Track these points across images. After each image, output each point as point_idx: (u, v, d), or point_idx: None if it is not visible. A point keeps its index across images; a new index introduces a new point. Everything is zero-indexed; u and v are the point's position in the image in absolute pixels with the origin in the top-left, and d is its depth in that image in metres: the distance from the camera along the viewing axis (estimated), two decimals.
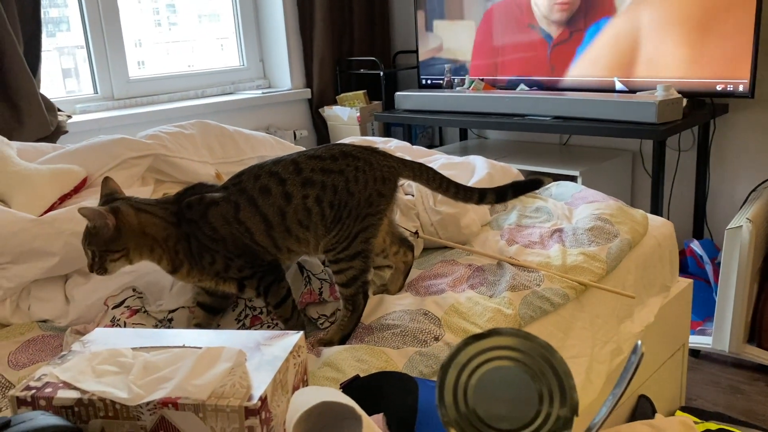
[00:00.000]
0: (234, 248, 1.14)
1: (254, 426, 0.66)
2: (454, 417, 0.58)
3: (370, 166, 1.18)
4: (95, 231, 1.08)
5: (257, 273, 1.15)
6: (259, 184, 1.15)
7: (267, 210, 1.14)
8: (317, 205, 1.15)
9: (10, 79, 2.22)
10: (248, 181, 1.16)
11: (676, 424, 1.40)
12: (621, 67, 2.54)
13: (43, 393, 0.71)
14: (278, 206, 1.14)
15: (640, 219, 1.65)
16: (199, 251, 1.13)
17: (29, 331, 1.29)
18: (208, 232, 1.13)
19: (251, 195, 1.14)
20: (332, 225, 1.16)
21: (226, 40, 3.26)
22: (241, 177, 1.17)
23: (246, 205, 1.14)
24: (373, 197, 1.18)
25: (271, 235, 1.15)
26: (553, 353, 0.56)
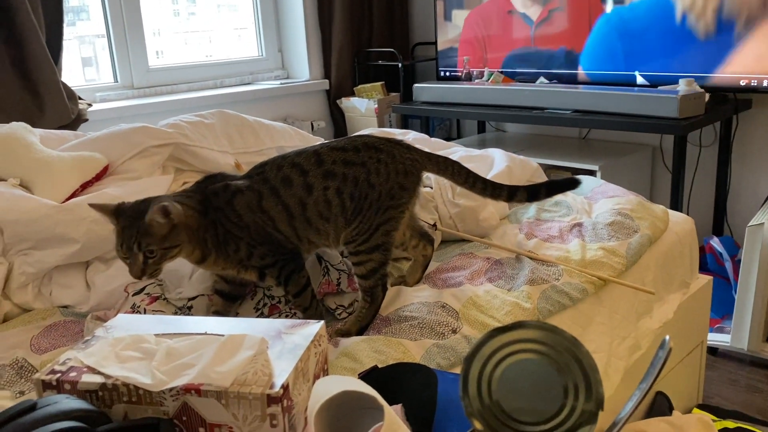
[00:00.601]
0: (257, 236, 1.14)
1: (276, 413, 0.67)
2: (478, 408, 0.58)
3: (393, 159, 1.18)
4: (152, 229, 1.04)
5: (279, 262, 1.16)
6: (282, 175, 1.15)
7: (288, 200, 1.14)
8: (337, 197, 1.15)
9: (33, 68, 2.24)
10: (271, 171, 1.16)
11: (694, 421, 1.39)
12: (642, 60, 2.51)
13: (67, 377, 0.71)
14: (299, 197, 1.14)
15: (661, 214, 1.64)
16: (225, 239, 1.13)
17: (51, 316, 1.31)
18: (233, 219, 1.13)
19: (274, 185, 1.14)
20: (353, 217, 1.16)
21: (244, 30, 3.27)
22: (264, 167, 1.18)
23: (269, 195, 1.14)
24: (395, 190, 1.17)
25: (292, 225, 1.15)
26: (578, 347, 0.55)
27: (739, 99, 2.39)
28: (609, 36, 2.58)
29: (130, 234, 1.03)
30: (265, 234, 1.14)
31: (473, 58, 3.03)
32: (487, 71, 2.89)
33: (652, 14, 2.46)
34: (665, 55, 2.45)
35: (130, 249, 1.04)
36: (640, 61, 2.52)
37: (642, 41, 2.50)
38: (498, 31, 2.92)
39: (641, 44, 2.50)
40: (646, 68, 2.51)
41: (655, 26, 2.45)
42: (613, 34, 2.57)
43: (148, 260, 1.05)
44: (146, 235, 1.03)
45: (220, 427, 0.69)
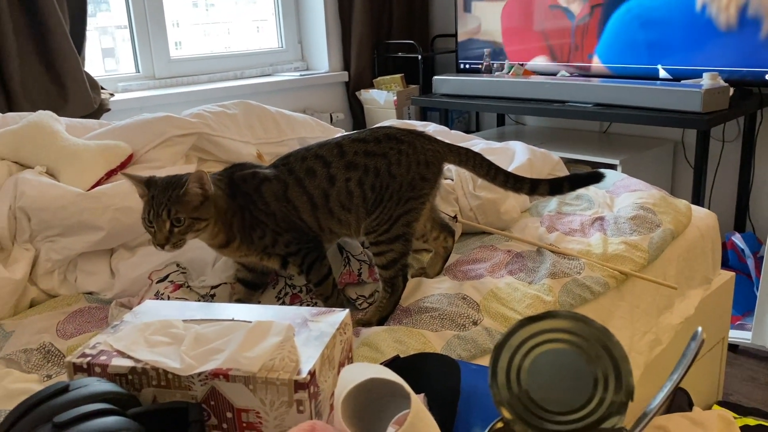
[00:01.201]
0: (283, 224, 1.15)
1: (303, 399, 0.67)
2: (506, 397, 0.58)
3: (414, 150, 1.18)
4: (187, 198, 1.05)
5: (302, 250, 1.17)
6: (306, 166, 1.16)
7: (312, 191, 1.15)
8: (359, 188, 1.16)
9: (57, 58, 2.27)
10: (296, 162, 1.17)
11: (714, 418, 1.38)
12: (665, 53, 2.49)
13: (98, 360, 0.73)
14: (322, 188, 1.15)
15: (684, 209, 1.62)
16: (251, 224, 1.14)
17: (76, 302, 1.33)
18: (260, 206, 1.14)
19: (298, 176, 1.16)
20: (373, 207, 1.17)
21: (262, 22, 3.27)
22: (289, 158, 1.19)
23: (294, 185, 1.15)
24: (416, 181, 1.18)
25: (315, 215, 1.16)
26: (609, 337, 0.55)
27: (764, 93, 2.36)
28: (630, 28, 2.56)
29: (160, 201, 1.04)
30: (290, 222, 1.16)
31: (515, 50, 3.01)
32: (508, 63, 2.88)
33: (674, 6, 2.43)
34: (688, 48, 2.42)
35: (159, 216, 1.04)
36: (663, 55, 2.50)
37: (665, 34, 2.47)
38: (540, 24, 2.90)
39: (664, 37, 2.48)
40: (669, 62, 2.48)
41: (678, 19, 2.42)
42: (634, 27, 2.54)
43: (174, 229, 1.05)
44: (177, 203, 1.04)
45: (248, 412, 0.69)
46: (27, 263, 1.33)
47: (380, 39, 3.32)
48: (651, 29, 2.51)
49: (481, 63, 3.02)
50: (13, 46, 2.15)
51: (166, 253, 1.33)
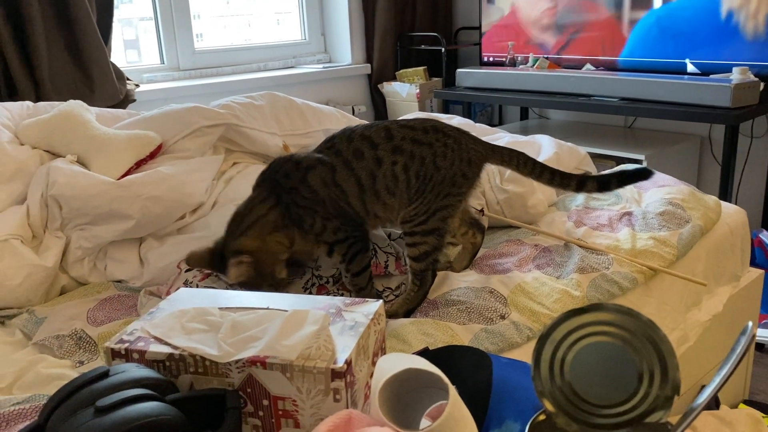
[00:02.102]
0: (332, 209, 1.17)
1: (339, 388, 0.67)
2: (549, 389, 0.58)
3: (459, 146, 1.19)
4: (246, 275, 1.12)
5: (349, 239, 1.18)
6: (353, 147, 1.17)
7: (360, 173, 1.16)
8: (404, 173, 1.17)
9: (84, 48, 2.29)
10: (341, 144, 1.18)
11: (743, 416, 1.37)
12: (693, 47, 2.45)
13: (135, 346, 0.73)
14: (370, 170, 1.16)
15: (713, 205, 1.60)
16: (300, 216, 1.15)
17: (105, 290, 1.34)
18: (308, 195, 1.15)
19: (346, 157, 1.16)
20: (415, 196, 1.17)
21: (284, 15, 3.27)
22: (333, 141, 1.19)
23: (342, 168, 1.16)
24: (457, 177, 1.18)
25: (362, 199, 1.17)
26: (656, 330, 0.55)
27: None
28: (660, 23, 2.52)
29: (233, 286, 1.11)
30: (338, 208, 1.17)
31: (540, 43, 2.99)
32: (532, 57, 2.85)
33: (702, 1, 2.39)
34: (717, 42, 2.39)
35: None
36: (691, 49, 2.46)
37: (694, 28, 2.44)
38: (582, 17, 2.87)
39: (693, 31, 2.44)
40: (697, 56, 2.45)
41: (706, 14, 2.38)
42: (664, 22, 2.51)
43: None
44: (242, 284, 1.10)
45: (284, 400, 0.70)
46: (58, 251, 1.34)
47: (403, 31, 3.31)
48: (680, 24, 2.47)
49: (505, 56, 2.99)
50: (41, 37, 2.17)
51: (194, 243, 1.34)
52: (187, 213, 1.41)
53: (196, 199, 1.40)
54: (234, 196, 1.44)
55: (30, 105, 1.63)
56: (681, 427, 0.52)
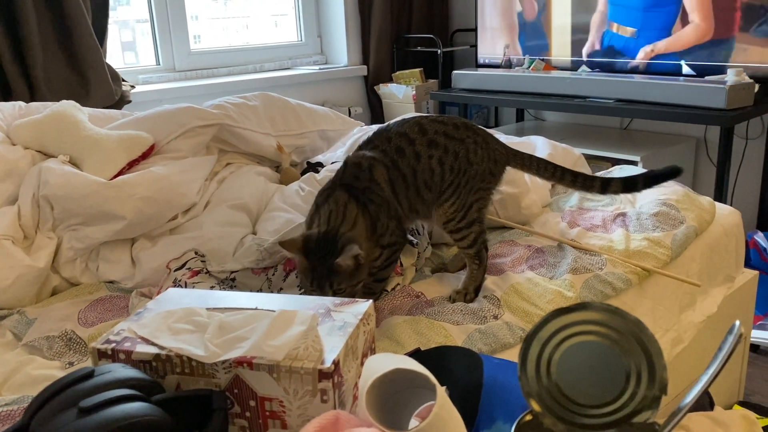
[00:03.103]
0: (392, 210, 1.17)
1: (327, 389, 0.67)
2: (536, 389, 0.58)
3: (487, 145, 1.22)
4: (341, 269, 1.09)
5: (397, 243, 1.19)
6: (394, 145, 1.17)
7: (405, 170, 1.17)
8: (440, 167, 1.18)
9: (79, 49, 2.28)
10: (383, 144, 1.18)
11: (737, 418, 1.36)
12: (689, 49, 2.45)
13: (122, 347, 0.73)
14: (411, 166, 1.17)
15: (707, 206, 1.60)
16: (378, 214, 1.15)
17: (97, 291, 1.34)
18: (379, 192, 1.15)
19: (393, 157, 1.17)
20: (449, 190, 1.19)
21: (281, 17, 3.27)
22: (373, 142, 1.20)
23: (392, 167, 1.17)
24: (486, 174, 1.21)
25: (407, 196, 1.18)
26: (644, 330, 0.54)
27: None
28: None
29: (321, 274, 1.06)
30: (394, 209, 1.17)
31: (536, 44, 2.99)
32: (528, 58, 2.85)
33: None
34: (712, 44, 2.39)
35: (322, 288, 1.07)
36: (686, 50, 2.46)
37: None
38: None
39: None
40: (692, 57, 2.45)
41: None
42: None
43: (337, 294, 1.09)
44: (337, 274, 1.07)
45: (271, 401, 0.69)
46: (50, 251, 1.34)
47: (399, 33, 3.31)
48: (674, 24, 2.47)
49: (501, 58, 3.00)
50: (36, 38, 2.17)
51: (186, 243, 1.34)
52: (180, 213, 1.40)
53: (188, 200, 1.39)
54: (227, 197, 1.44)
55: (22, 105, 1.62)
56: (668, 427, 0.52)
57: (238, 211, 1.41)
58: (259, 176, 1.53)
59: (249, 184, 1.47)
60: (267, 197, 1.46)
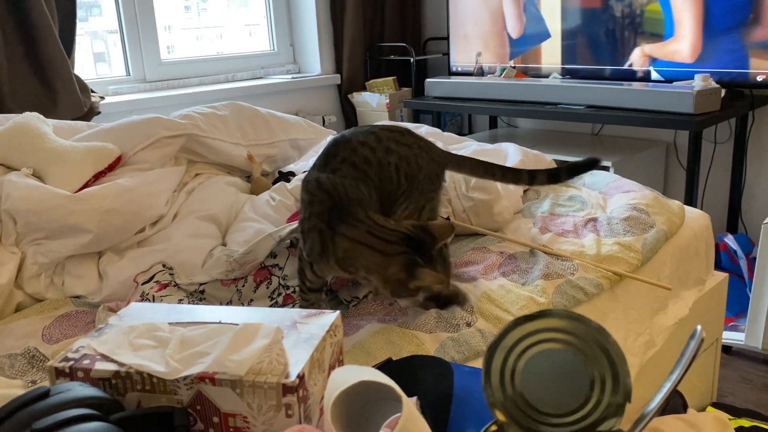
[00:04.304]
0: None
1: (291, 403, 0.66)
2: (500, 399, 0.57)
3: (429, 148, 1.24)
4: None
5: None
6: (360, 156, 1.16)
7: (375, 179, 1.16)
8: (396, 173, 1.18)
9: (46, 60, 2.24)
10: (350, 155, 1.16)
11: (710, 419, 1.37)
12: (656, 55, 2.49)
13: (81, 364, 0.71)
14: (377, 173, 1.17)
15: (677, 210, 1.62)
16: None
17: (63, 306, 1.30)
18: (360, 217, 1.09)
19: (363, 168, 1.15)
20: (402, 195, 1.19)
21: (255, 27, 3.26)
22: (338, 155, 1.16)
23: (364, 179, 1.14)
24: (433, 176, 1.22)
25: (381, 207, 1.17)
26: (607, 337, 0.54)
27: (755, 95, 2.36)
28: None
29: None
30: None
31: (507, 52, 3.01)
32: (500, 66, 2.87)
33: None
34: (680, 50, 2.42)
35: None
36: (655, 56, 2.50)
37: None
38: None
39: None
40: (661, 63, 2.49)
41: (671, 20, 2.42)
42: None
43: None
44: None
45: (235, 417, 0.68)
46: (13, 267, 1.30)
47: (372, 42, 3.31)
48: (642, 31, 2.51)
49: (473, 66, 3.01)
50: (1, 49, 2.13)
51: (154, 256, 1.32)
52: (147, 226, 1.38)
53: (156, 212, 1.37)
54: (196, 208, 1.42)
55: None
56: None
57: (208, 222, 1.39)
58: (229, 186, 1.51)
59: (218, 195, 1.46)
60: (237, 208, 1.45)
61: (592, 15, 2.63)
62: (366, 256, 1.04)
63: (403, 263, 1.02)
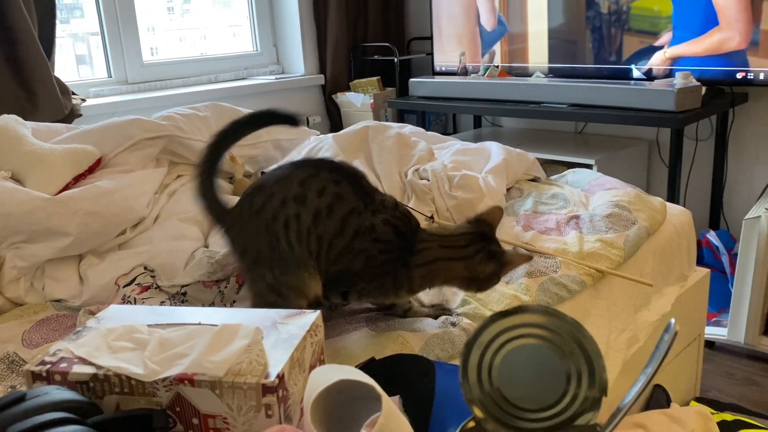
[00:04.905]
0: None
1: (271, 403, 0.65)
2: (478, 396, 0.57)
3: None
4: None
5: None
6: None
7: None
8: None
9: (25, 63, 2.22)
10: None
11: (692, 413, 1.39)
12: (639, 53, 2.51)
13: (58, 368, 0.70)
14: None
15: (659, 207, 1.63)
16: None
17: (43, 310, 1.29)
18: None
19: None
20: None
21: (239, 27, 3.25)
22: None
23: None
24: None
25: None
26: (582, 331, 0.54)
27: (735, 92, 2.39)
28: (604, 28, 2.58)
29: None
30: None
31: (491, 51, 3.01)
32: (483, 65, 2.88)
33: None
34: (661, 47, 2.44)
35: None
36: (636, 54, 2.52)
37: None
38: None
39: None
40: (643, 61, 2.50)
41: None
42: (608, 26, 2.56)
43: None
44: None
45: (215, 418, 0.67)
46: None
47: (356, 42, 3.31)
48: (624, 29, 2.52)
49: (457, 65, 3.02)
50: None
51: (135, 259, 1.30)
52: (128, 228, 1.36)
53: (136, 214, 1.36)
54: (177, 210, 1.41)
55: None
56: (609, 428, 0.52)
57: (190, 224, 1.38)
58: None
59: None
60: None
61: (579, 12, 2.64)
62: (445, 270, 1.03)
63: (486, 258, 1.02)
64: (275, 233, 1.00)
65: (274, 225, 1.00)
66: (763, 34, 2.20)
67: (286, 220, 1.00)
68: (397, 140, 1.70)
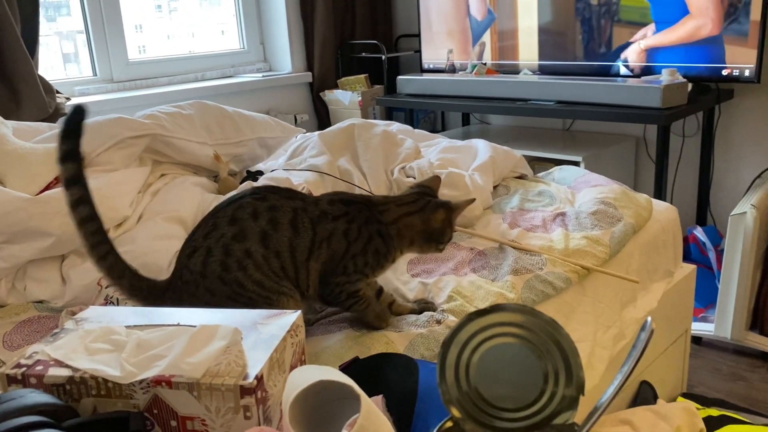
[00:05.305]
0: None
1: (250, 405, 0.65)
2: (456, 396, 0.56)
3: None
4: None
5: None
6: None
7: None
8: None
9: (8, 61, 2.20)
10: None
11: (678, 409, 1.39)
12: (625, 46, 2.51)
13: (33, 371, 0.69)
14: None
15: (644, 203, 1.63)
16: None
17: (25, 311, 1.28)
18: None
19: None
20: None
21: (227, 25, 3.23)
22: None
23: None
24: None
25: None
26: (558, 330, 0.54)
27: (721, 89, 2.40)
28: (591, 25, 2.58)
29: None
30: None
31: (478, 49, 3.01)
32: (471, 63, 2.88)
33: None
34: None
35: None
36: (624, 46, 2.52)
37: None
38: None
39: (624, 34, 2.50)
40: (630, 58, 2.51)
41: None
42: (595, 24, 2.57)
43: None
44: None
45: (193, 420, 0.67)
46: None
47: (344, 39, 3.30)
48: (611, 26, 2.53)
49: (445, 62, 3.01)
50: None
51: None
52: (112, 228, 1.35)
53: (119, 213, 1.35)
54: (161, 209, 1.39)
55: None
56: (586, 427, 0.51)
57: (174, 224, 1.37)
58: (195, 187, 1.49)
59: (184, 195, 1.43)
60: (204, 208, 1.42)
61: (568, 6, 2.64)
62: (408, 227, 1.10)
63: (435, 207, 1.11)
64: (235, 281, 0.96)
65: (228, 274, 0.96)
66: (752, 24, 2.21)
67: (239, 262, 0.97)
68: (383, 138, 1.70)
